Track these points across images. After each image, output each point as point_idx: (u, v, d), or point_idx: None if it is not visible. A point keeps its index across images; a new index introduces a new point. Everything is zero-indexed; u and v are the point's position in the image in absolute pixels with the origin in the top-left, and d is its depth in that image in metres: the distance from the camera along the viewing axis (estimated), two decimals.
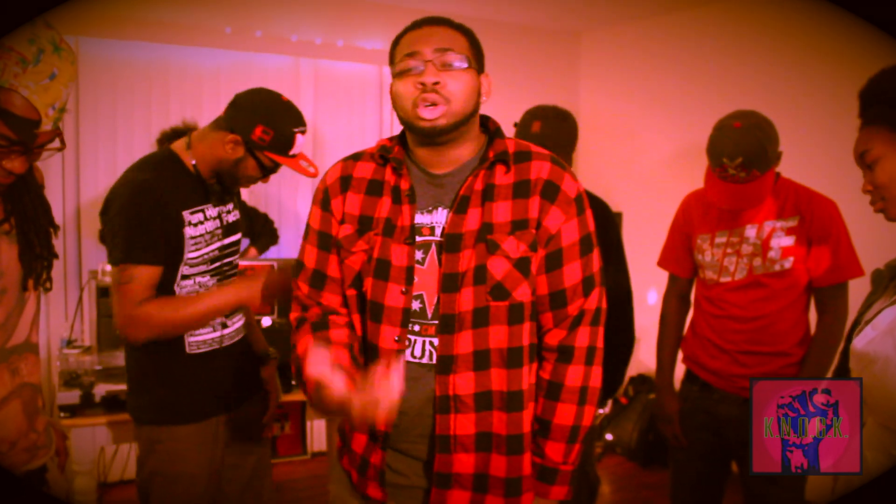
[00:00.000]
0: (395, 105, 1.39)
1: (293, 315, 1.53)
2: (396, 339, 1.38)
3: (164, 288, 1.84)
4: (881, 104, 1.37)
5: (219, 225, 1.95)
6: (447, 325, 1.36)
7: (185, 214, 1.85)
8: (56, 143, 1.37)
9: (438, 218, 1.40)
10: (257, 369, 2.13)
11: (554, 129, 2.28)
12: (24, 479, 1.48)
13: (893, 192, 1.34)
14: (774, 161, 2.10)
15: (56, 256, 1.54)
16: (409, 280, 1.38)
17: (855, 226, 2.19)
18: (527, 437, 1.41)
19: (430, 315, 1.38)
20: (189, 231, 1.85)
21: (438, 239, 1.39)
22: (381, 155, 1.45)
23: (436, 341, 1.37)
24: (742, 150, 2.02)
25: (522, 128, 2.33)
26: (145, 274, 1.78)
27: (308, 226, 1.52)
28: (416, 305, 1.38)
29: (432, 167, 1.43)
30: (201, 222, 1.89)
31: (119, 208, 1.80)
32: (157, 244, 1.80)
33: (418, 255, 1.39)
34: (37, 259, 1.48)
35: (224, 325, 1.96)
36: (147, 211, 1.78)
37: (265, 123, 1.83)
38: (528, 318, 1.39)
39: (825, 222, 2.11)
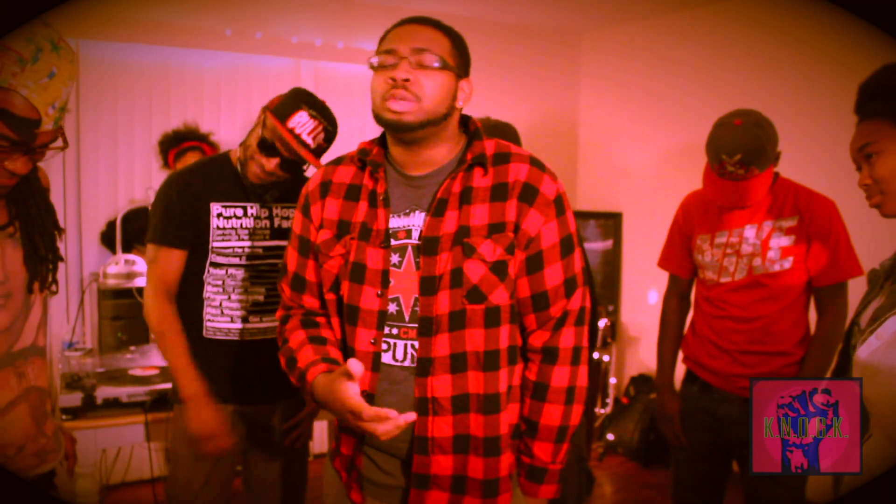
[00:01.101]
0: (371, 99, 1.39)
1: (278, 314, 1.59)
2: (372, 341, 1.39)
3: (194, 273, 1.97)
4: (883, 99, 1.36)
5: (266, 226, 2.02)
6: (425, 327, 1.36)
7: (215, 206, 1.96)
8: (58, 143, 1.36)
9: (415, 221, 1.40)
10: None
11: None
12: (33, 484, 1.47)
13: (893, 186, 1.34)
14: (773, 160, 2.11)
15: (61, 259, 1.53)
16: (385, 283, 1.38)
17: (854, 225, 2.19)
18: (504, 439, 1.41)
19: (407, 318, 1.38)
20: (216, 222, 1.95)
21: (415, 242, 1.39)
22: (360, 158, 1.46)
23: (416, 344, 1.37)
24: (741, 147, 2.03)
25: None
26: (166, 255, 1.94)
27: (291, 230, 1.55)
28: (392, 308, 1.39)
29: (409, 168, 1.43)
30: (236, 217, 1.97)
31: (155, 196, 2.00)
32: (178, 229, 1.94)
33: (394, 258, 1.39)
34: (42, 262, 1.47)
35: (244, 320, 2.00)
36: (174, 198, 1.94)
37: (280, 96, 1.96)
38: (505, 321, 1.39)
39: (824, 222, 2.11)
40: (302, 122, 1.91)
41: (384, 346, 1.39)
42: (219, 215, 1.96)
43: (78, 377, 2.50)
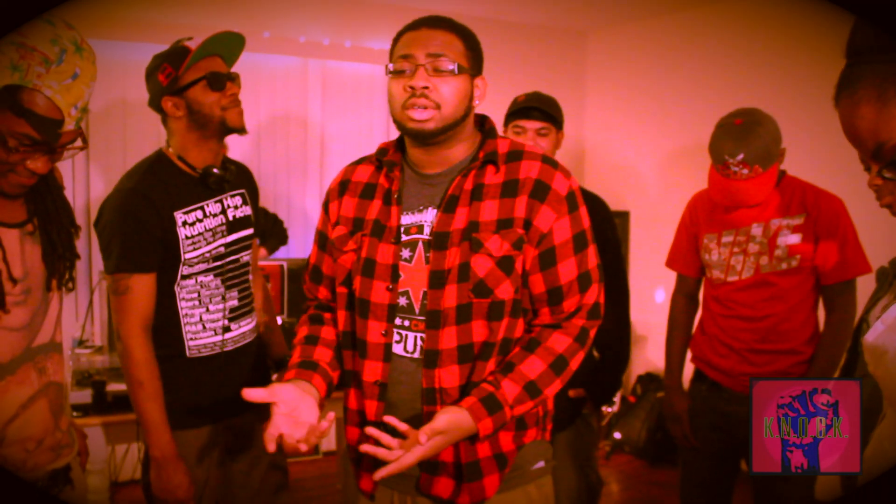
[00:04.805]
0: (389, 105, 1.44)
1: (305, 304, 1.68)
2: (383, 333, 1.43)
3: (164, 290, 1.84)
4: None
5: (222, 221, 1.91)
6: (433, 320, 1.40)
7: (178, 215, 1.83)
8: (78, 143, 1.39)
9: (427, 217, 1.44)
10: (268, 375, 2.09)
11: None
12: (50, 479, 1.49)
13: None
14: (777, 158, 2.10)
15: (78, 257, 1.56)
16: (395, 277, 1.42)
17: (862, 223, 2.18)
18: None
19: (417, 310, 1.42)
20: (184, 231, 1.84)
21: (426, 237, 1.43)
22: (378, 158, 1.52)
23: (424, 336, 1.41)
24: (744, 147, 2.03)
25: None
26: (139, 282, 1.79)
27: (316, 225, 1.63)
28: (402, 301, 1.43)
29: (425, 167, 1.47)
30: (199, 220, 1.87)
31: (108, 218, 1.81)
32: (149, 251, 1.80)
33: (405, 253, 1.43)
34: (59, 259, 1.50)
35: (227, 329, 1.92)
36: (134, 218, 1.78)
37: (160, 59, 1.90)
38: (507, 314, 1.41)
39: (831, 219, 2.11)
40: (196, 46, 1.92)
41: (396, 338, 1.43)
42: (184, 223, 1.84)
43: (88, 374, 2.53)
